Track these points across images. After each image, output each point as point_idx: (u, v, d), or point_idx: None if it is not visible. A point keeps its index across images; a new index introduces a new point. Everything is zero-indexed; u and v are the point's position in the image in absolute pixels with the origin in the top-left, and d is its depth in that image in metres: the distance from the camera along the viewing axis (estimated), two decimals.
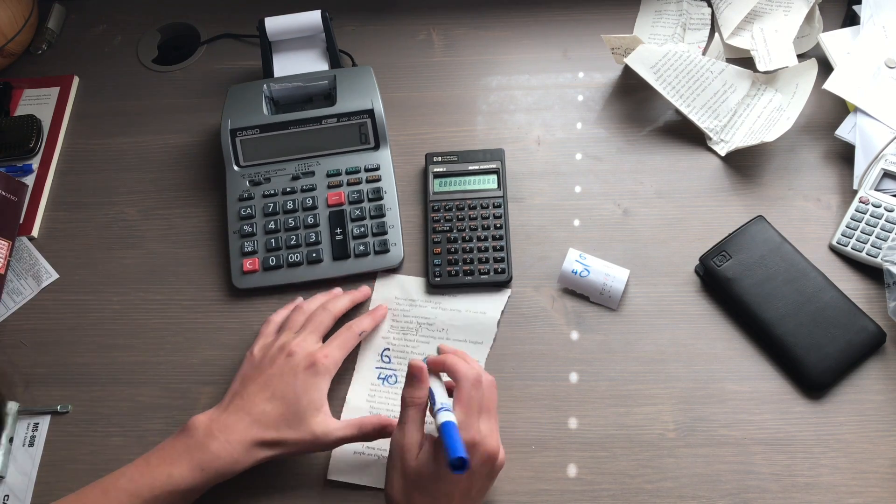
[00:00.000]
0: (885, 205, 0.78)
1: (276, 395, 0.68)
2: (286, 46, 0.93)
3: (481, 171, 0.85)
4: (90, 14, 1.05)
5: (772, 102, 0.86)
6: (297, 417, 0.67)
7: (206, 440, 0.65)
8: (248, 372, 0.71)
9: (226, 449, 0.65)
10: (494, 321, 0.77)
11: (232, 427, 0.66)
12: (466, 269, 0.80)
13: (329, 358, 0.70)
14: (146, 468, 0.65)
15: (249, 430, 0.66)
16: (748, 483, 0.68)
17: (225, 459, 0.65)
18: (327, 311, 0.75)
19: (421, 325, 0.78)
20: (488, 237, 0.81)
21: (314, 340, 0.72)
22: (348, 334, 0.74)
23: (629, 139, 0.88)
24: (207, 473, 0.65)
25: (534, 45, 0.96)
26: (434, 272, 0.80)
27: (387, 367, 0.76)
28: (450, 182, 0.85)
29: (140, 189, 0.90)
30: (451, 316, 0.78)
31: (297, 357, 0.70)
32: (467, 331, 0.77)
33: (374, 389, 0.75)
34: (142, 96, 0.97)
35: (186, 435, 0.66)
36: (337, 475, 0.71)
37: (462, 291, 0.79)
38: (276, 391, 0.68)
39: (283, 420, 0.67)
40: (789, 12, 0.90)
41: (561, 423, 0.72)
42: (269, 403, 0.67)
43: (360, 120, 0.86)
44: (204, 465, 0.64)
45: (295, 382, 0.68)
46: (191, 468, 0.64)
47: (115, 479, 0.64)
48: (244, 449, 0.66)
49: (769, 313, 0.74)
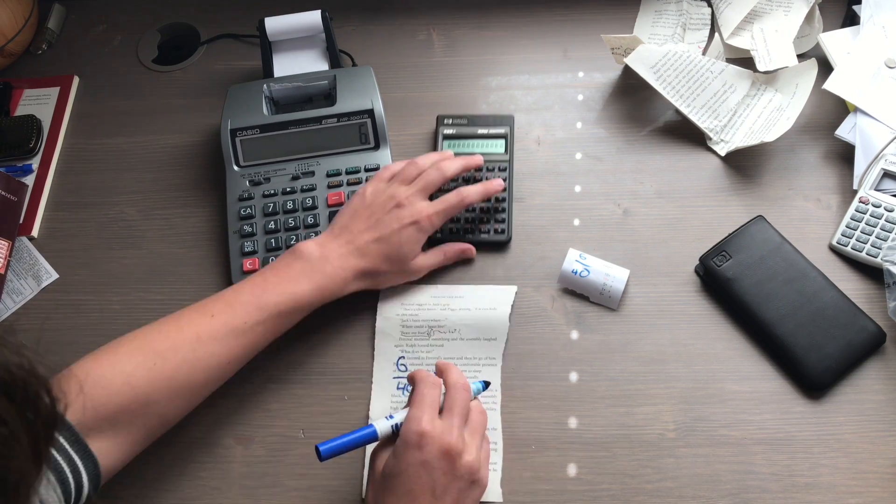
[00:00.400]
0: (885, 205, 0.78)
1: (383, 237, 0.75)
2: (286, 46, 0.93)
3: (490, 136, 0.87)
4: (90, 14, 1.05)
5: (772, 102, 0.86)
6: (398, 261, 0.76)
7: (321, 264, 0.73)
8: (358, 208, 0.77)
9: (339, 273, 0.73)
10: (506, 316, 0.77)
11: (343, 254, 0.74)
12: (468, 227, 0.82)
13: (431, 220, 0.76)
14: (267, 285, 0.71)
15: (358, 260, 0.74)
16: (748, 483, 0.68)
17: (338, 282, 0.73)
18: (440, 170, 0.78)
19: (432, 328, 0.77)
20: (491, 198, 0.83)
21: (422, 198, 0.77)
22: (456, 200, 0.77)
23: (629, 139, 0.88)
24: (324, 293, 0.72)
25: (534, 45, 0.96)
26: None
27: (404, 376, 0.75)
28: (459, 144, 0.87)
29: (140, 189, 0.90)
30: (461, 316, 0.78)
31: (405, 211, 0.75)
32: (479, 329, 0.77)
33: (395, 399, 0.74)
34: (142, 96, 0.97)
35: (301, 259, 0.73)
36: None
37: (467, 284, 0.79)
38: (383, 234, 0.75)
39: (387, 260, 0.75)
40: (789, 12, 0.90)
41: (561, 423, 0.72)
42: (375, 243, 0.75)
43: (360, 120, 0.86)
44: (321, 286, 0.72)
45: (401, 233, 0.75)
46: (311, 287, 0.72)
47: (237, 294, 0.71)
48: (352, 275, 0.74)
49: (769, 313, 0.74)
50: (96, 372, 0.64)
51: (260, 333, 0.70)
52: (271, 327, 0.71)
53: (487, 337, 0.76)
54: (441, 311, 0.78)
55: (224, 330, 0.68)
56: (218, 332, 0.68)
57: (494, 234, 0.82)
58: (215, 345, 0.68)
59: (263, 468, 0.72)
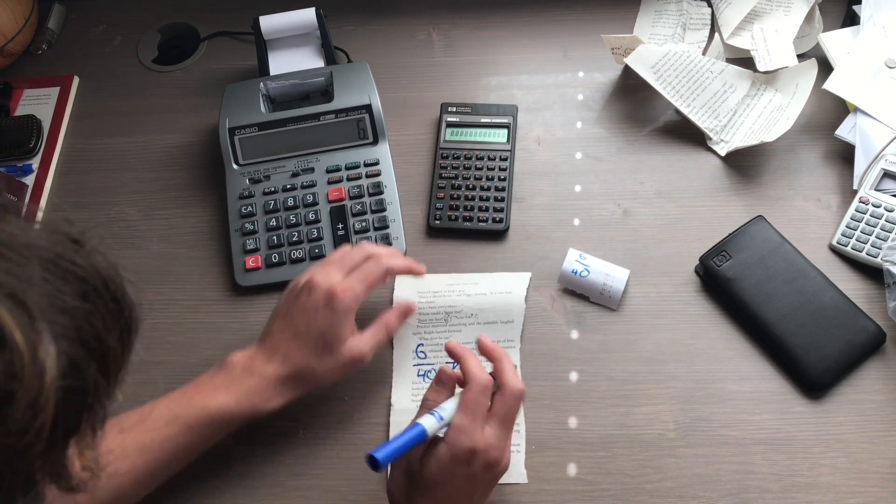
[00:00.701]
0: (885, 205, 0.78)
1: (300, 332, 0.67)
2: (281, 44, 0.93)
3: (493, 125, 0.87)
4: (90, 14, 1.05)
5: (772, 102, 0.86)
6: (325, 347, 0.67)
7: (242, 376, 0.67)
8: (278, 307, 0.71)
9: (260, 384, 0.66)
10: (521, 298, 0.77)
11: (266, 365, 0.67)
12: (466, 215, 0.83)
13: (348, 292, 0.67)
14: (183, 398, 0.66)
15: (281, 367, 0.67)
16: (748, 483, 0.68)
17: (259, 394, 0.66)
18: (374, 259, 0.71)
19: (449, 314, 0.77)
20: (491, 187, 0.84)
21: (338, 274, 0.69)
22: (373, 267, 0.69)
23: (629, 139, 0.88)
24: (242, 407, 0.66)
25: (534, 45, 0.96)
26: (435, 215, 0.83)
27: (424, 363, 0.76)
28: (461, 132, 0.87)
29: (140, 189, 0.90)
30: (477, 301, 0.78)
31: (317, 292, 0.68)
32: (496, 312, 0.77)
33: (416, 387, 0.74)
34: (142, 96, 0.97)
35: (224, 370, 0.67)
36: None
37: (478, 275, 0.80)
38: (299, 328, 0.67)
39: (313, 355, 0.67)
40: (789, 12, 0.90)
41: (561, 423, 0.72)
42: (294, 341, 0.67)
43: (357, 115, 0.86)
44: (239, 399, 0.66)
45: (317, 318, 0.67)
46: (227, 400, 0.66)
47: (152, 408, 0.66)
48: (276, 384, 0.67)
49: (769, 313, 0.74)
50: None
51: (169, 451, 0.64)
52: (183, 443, 0.65)
53: (504, 320, 0.77)
54: (457, 297, 0.78)
55: (133, 446, 0.63)
56: (125, 449, 0.63)
57: (493, 222, 0.82)
58: (120, 462, 0.62)
59: (263, 468, 0.72)
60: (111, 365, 0.37)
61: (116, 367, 0.38)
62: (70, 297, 0.34)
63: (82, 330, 0.34)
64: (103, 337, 0.36)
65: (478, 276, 0.79)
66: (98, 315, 0.36)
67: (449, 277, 0.80)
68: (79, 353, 0.34)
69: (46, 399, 0.32)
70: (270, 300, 0.81)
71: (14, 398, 0.30)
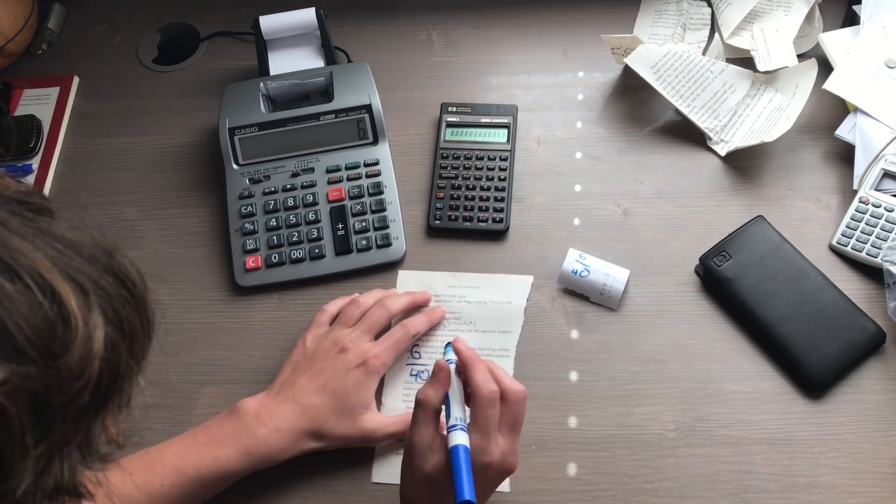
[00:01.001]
0: (885, 205, 0.78)
1: (327, 389, 0.68)
2: (281, 44, 0.93)
3: (493, 125, 0.87)
4: (90, 14, 1.05)
5: (772, 102, 0.86)
6: (347, 413, 0.68)
7: (254, 426, 0.66)
8: (299, 361, 0.71)
9: (274, 437, 0.66)
10: (521, 309, 0.78)
11: (281, 415, 0.67)
12: (466, 215, 0.83)
13: (380, 359, 0.70)
14: (194, 446, 0.66)
15: (298, 420, 0.67)
16: (748, 483, 0.68)
17: (272, 447, 0.66)
18: (384, 308, 0.74)
19: (448, 319, 0.78)
20: (491, 187, 0.84)
21: (368, 339, 0.72)
22: (402, 334, 0.73)
23: (629, 139, 0.88)
24: (254, 458, 0.66)
25: (534, 45, 0.96)
26: (435, 215, 0.83)
27: (418, 363, 0.76)
28: (461, 132, 0.87)
29: (140, 189, 0.90)
30: (477, 308, 0.78)
31: (351, 355, 0.70)
32: (495, 321, 0.77)
33: (407, 387, 0.75)
34: (142, 96, 0.97)
35: (235, 418, 0.67)
36: (381, 477, 0.70)
37: (481, 276, 0.80)
38: (328, 386, 0.68)
39: (333, 414, 0.67)
40: (789, 12, 0.90)
41: (561, 423, 0.72)
42: (319, 396, 0.68)
43: (357, 115, 0.86)
44: (251, 451, 0.66)
45: (346, 379, 0.68)
46: (238, 452, 0.66)
47: (161, 453, 0.66)
48: (292, 438, 0.67)
49: (769, 313, 0.74)
50: None
51: (178, 497, 0.64)
52: (190, 492, 0.65)
53: (502, 329, 0.77)
54: (458, 302, 0.78)
55: (140, 492, 0.63)
56: (132, 493, 0.63)
57: (493, 223, 0.82)
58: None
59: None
60: (138, 351, 0.42)
61: (141, 354, 0.44)
62: (110, 286, 0.40)
63: (119, 315, 0.40)
64: (134, 325, 0.41)
65: (480, 279, 0.80)
66: (130, 306, 0.41)
67: (451, 277, 0.80)
68: (115, 334, 0.39)
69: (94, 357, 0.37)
70: (270, 300, 0.81)
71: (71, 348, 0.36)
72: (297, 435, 0.67)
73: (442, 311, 0.77)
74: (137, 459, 0.65)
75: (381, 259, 0.81)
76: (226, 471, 0.66)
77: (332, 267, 0.81)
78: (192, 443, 0.66)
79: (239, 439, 0.66)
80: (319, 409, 0.68)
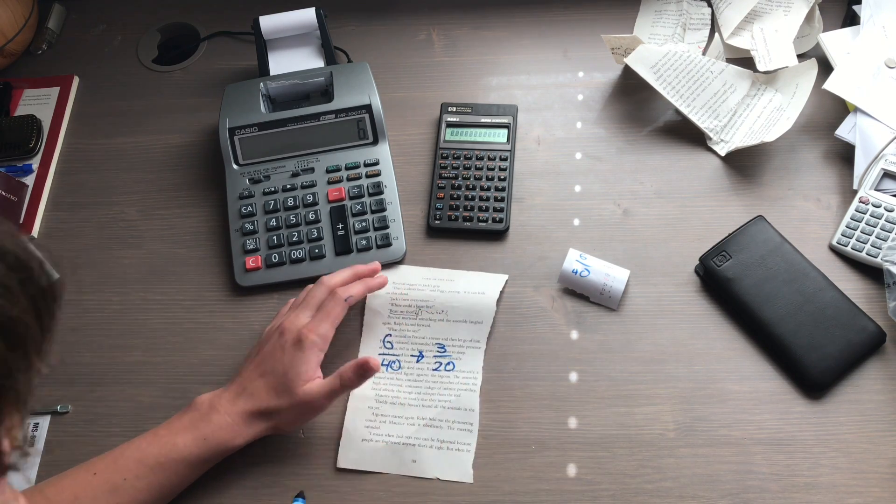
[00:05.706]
0: (885, 205, 0.78)
1: (267, 370, 0.71)
2: (281, 44, 0.93)
3: (493, 125, 0.88)
4: (90, 14, 1.05)
5: (772, 102, 0.86)
6: (285, 388, 0.70)
7: (209, 413, 0.69)
8: (250, 353, 0.74)
9: (226, 420, 0.69)
10: (493, 300, 0.78)
11: (231, 402, 0.70)
12: (466, 215, 0.83)
13: (314, 331, 0.72)
14: (154, 438, 0.69)
15: (245, 404, 0.70)
16: (748, 483, 0.68)
17: (225, 431, 0.69)
18: (323, 285, 0.75)
19: (420, 308, 0.78)
20: (491, 187, 0.84)
21: (306, 315, 0.73)
22: (333, 302, 0.74)
23: (629, 139, 0.88)
24: (210, 444, 0.68)
25: (534, 45, 0.96)
26: (435, 215, 0.83)
27: (389, 353, 0.77)
28: (461, 132, 0.88)
29: (140, 189, 0.90)
30: (449, 297, 0.78)
31: (287, 334, 0.72)
32: (466, 311, 0.78)
33: (378, 376, 0.75)
34: (142, 96, 0.97)
35: (192, 409, 0.70)
36: (346, 463, 0.72)
37: (456, 272, 0.81)
38: (267, 367, 0.71)
39: (273, 391, 0.70)
40: (789, 12, 0.90)
41: (561, 423, 0.72)
42: (261, 379, 0.71)
43: (357, 115, 0.86)
44: (207, 436, 0.68)
45: (283, 358, 0.71)
46: (195, 438, 0.68)
47: (123, 450, 0.68)
48: (243, 421, 0.69)
49: (769, 313, 0.74)
50: None
51: (142, 489, 0.66)
52: (154, 482, 0.67)
53: (474, 320, 0.77)
54: (430, 292, 0.79)
55: (104, 489, 0.65)
56: (96, 492, 0.65)
57: (493, 222, 0.82)
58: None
59: (263, 468, 0.72)
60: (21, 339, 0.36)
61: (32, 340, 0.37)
62: None
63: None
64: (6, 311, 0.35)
65: (455, 273, 0.80)
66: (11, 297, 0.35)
67: (426, 271, 0.80)
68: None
69: None
70: (270, 300, 0.81)
71: None
72: (245, 417, 0.69)
73: (384, 279, 0.78)
74: (101, 459, 0.67)
75: (382, 259, 0.81)
76: (184, 456, 0.68)
77: (333, 267, 0.81)
78: (153, 437, 0.69)
79: (195, 427, 0.69)
80: (260, 389, 0.70)
